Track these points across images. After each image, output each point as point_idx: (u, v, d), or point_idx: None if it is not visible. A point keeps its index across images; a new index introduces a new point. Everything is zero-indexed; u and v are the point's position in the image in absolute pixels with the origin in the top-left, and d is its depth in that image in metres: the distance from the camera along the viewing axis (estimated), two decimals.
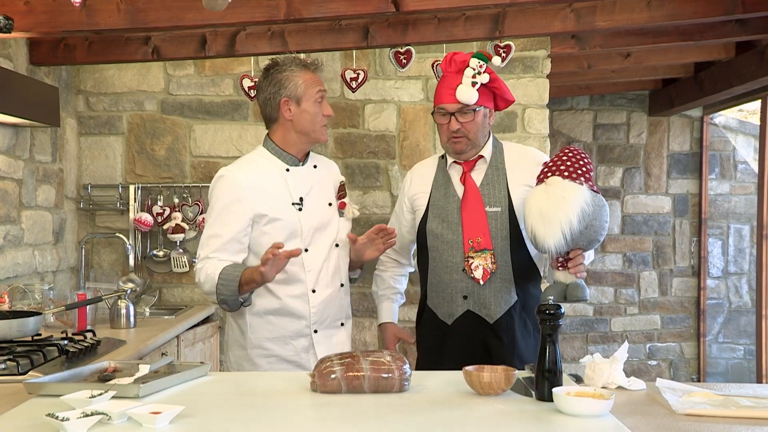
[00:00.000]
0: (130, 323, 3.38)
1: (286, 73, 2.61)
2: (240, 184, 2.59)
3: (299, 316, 2.62)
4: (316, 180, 2.70)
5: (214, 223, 2.60)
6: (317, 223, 2.65)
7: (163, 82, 4.45)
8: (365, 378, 1.92)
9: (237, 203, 2.57)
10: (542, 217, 2.42)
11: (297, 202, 2.62)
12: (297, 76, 2.61)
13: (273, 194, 2.60)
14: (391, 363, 1.94)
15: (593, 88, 6.15)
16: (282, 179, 2.64)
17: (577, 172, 2.47)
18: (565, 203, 2.40)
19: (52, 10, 3.20)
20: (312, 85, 2.62)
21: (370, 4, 3.15)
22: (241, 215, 2.57)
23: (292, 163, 2.68)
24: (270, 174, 2.64)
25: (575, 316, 6.42)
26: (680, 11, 3.51)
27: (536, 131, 4.44)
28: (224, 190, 2.61)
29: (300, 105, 2.61)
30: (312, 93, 2.62)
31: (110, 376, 2.03)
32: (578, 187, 2.43)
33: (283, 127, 2.66)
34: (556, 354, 1.86)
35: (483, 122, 2.68)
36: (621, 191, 6.43)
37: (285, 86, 2.61)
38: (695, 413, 1.76)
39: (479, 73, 2.60)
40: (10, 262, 3.51)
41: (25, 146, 3.70)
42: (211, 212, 2.63)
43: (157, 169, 4.44)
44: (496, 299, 2.63)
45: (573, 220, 2.39)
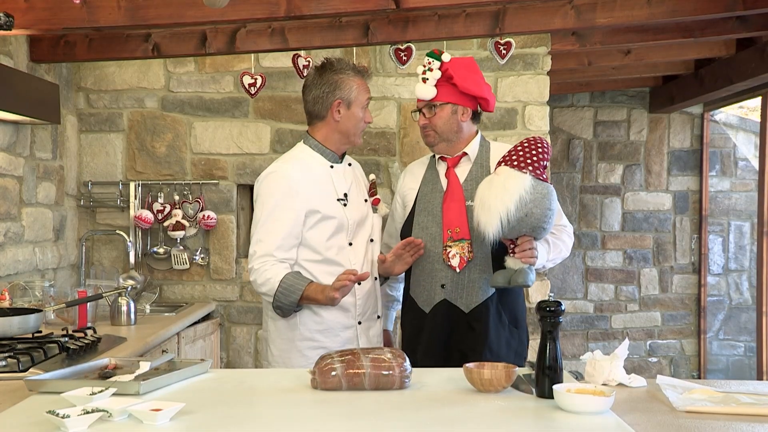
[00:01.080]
0: (130, 320, 3.38)
1: (342, 76, 2.68)
2: (293, 179, 2.63)
3: (346, 308, 2.67)
4: (353, 177, 2.81)
5: (269, 219, 2.61)
6: (359, 218, 2.74)
7: (164, 79, 4.45)
8: (366, 375, 1.92)
9: (291, 198, 2.61)
10: (482, 205, 2.53)
11: (342, 198, 2.71)
12: (352, 81, 2.69)
13: (322, 190, 2.67)
14: (392, 360, 1.95)
15: (594, 85, 6.15)
16: (327, 175, 2.71)
17: (525, 161, 2.55)
18: (505, 191, 2.50)
19: (52, 7, 3.19)
20: (363, 92, 2.72)
21: (371, 1, 3.15)
22: (296, 210, 2.61)
23: (334, 161, 2.75)
24: (317, 170, 2.70)
25: (575, 313, 6.42)
26: (680, 8, 3.51)
27: (537, 128, 4.43)
28: (279, 184, 2.63)
29: (350, 108, 2.70)
30: (362, 99, 2.71)
31: (111, 373, 2.03)
32: (520, 175, 2.52)
33: (328, 127, 2.73)
34: (556, 351, 1.86)
35: (450, 118, 2.78)
36: (621, 188, 6.43)
37: (340, 88, 2.68)
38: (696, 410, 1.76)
39: (429, 70, 2.78)
40: (10, 259, 3.51)
41: (25, 143, 3.70)
42: (263, 208, 2.63)
43: (158, 167, 4.44)
44: (473, 289, 2.71)
45: (510, 207, 2.48)
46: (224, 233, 4.45)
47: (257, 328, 4.46)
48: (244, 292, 4.46)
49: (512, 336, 2.76)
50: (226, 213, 4.45)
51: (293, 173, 2.64)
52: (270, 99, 4.42)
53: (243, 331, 4.46)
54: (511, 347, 2.75)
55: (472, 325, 2.70)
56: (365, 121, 2.75)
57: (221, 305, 4.47)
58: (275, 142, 4.44)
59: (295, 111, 4.43)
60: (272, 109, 4.45)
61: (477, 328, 2.70)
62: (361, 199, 2.80)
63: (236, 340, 4.46)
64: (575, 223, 6.41)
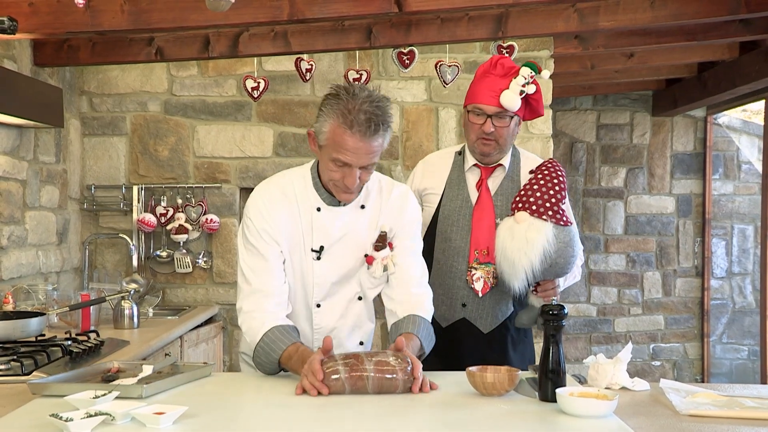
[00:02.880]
0: (133, 324, 3.38)
1: (327, 109, 2.09)
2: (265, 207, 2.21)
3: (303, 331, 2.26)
4: (356, 224, 2.25)
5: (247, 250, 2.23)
6: (337, 277, 2.26)
7: (167, 82, 4.46)
8: (369, 378, 1.91)
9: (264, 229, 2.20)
10: (506, 260, 2.43)
11: (316, 250, 2.22)
12: (331, 123, 2.07)
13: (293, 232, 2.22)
14: (395, 364, 1.94)
15: (596, 89, 6.15)
16: (308, 217, 2.22)
17: (545, 206, 2.45)
18: (528, 245, 2.41)
19: (56, 11, 3.20)
20: (334, 147, 2.07)
21: (373, 5, 3.15)
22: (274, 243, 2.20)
23: (329, 202, 2.22)
24: (299, 206, 2.22)
25: (579, 316, 6.41)
26: (684, 11, 3.51)
27: (539, 132, 4.43)
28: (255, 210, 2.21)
29: (321, 150, 2.14)
30: (330, 152, 2.09)
31: (114, 377, 2.03)
32: (542, 226, 2.43)
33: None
34: (559, 354, 1.86)
35: (514, 130, 2.59)
36: (624, 191, 6.42)
37: (318, 119, 2.12)
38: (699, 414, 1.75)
39: (528, 83, 2.52)
40: (14, 263, 3.52)
41: (29, 147, 3.71)
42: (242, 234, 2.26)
43: (161, 170, 4.45)
44: (493, 311, 2.59)
45: (535, 262, 2.40)
46: (227, 236, 4.45)
47: None
48: None
49: (525, 346, 2.72)
50: (229, 216, 4.45)
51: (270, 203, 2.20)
52: (273, 102, 4.43)
53: None
54: (525, 357, 2.69)
55: (491, 344, 2.61)
56: (344, 183, 2.11)
57: (224, 308, 4.47)
58: (278, 145, 4.44)
59: (298, 115, 4.43)
60: (275, 113, 4.45)
61: (496, 347, 2.61)
62: (359, 252, 2.26)
63: (239, 344, 4.45)
64: (578, 226, 6.39)
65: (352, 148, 2.05)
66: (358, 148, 2.05)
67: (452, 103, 4.46)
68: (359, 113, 2.03)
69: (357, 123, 2.02)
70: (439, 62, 3.83)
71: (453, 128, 4.43)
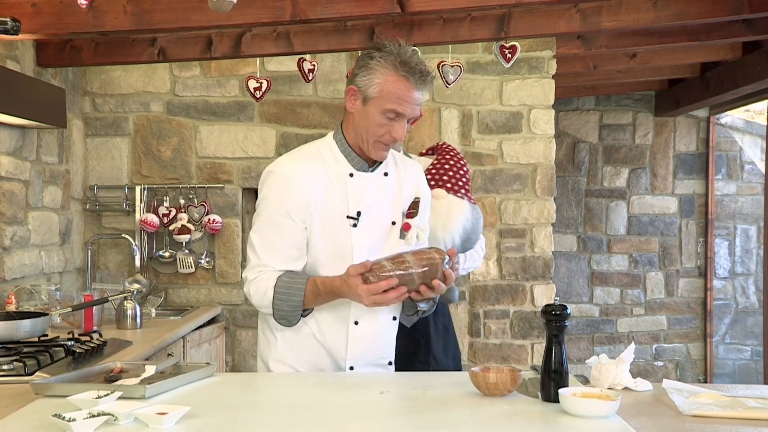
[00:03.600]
0: (136, 324, 3.39)
1: (374, 63, 2.09)
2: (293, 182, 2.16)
3: (331, 349, 2.22)
4: (386, 191, 2.24)
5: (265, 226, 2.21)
6: (372, 244, 2.20)
7: (169, 83, 4.47)
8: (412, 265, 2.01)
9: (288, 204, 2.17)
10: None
11: (353, 216, 2.18)
12: (382, 74, 2.08)
13: (329, 203, 2.17)
14: (433, 252, 2.06)
15: (599, 89, 6.14)
16: (342, 185, 2.19)
17: (458, 183, 2.59)
18: (449, 220, 2.54)
19: (58, 11, 3.21)
20: (390, 97, 2.08)
21: (376, 5, 3.15)
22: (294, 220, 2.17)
23: (359, 167, 2.20)
24: (329, 175, 2.19)
25: (581, 316, 6.40)
26: (686, 11, 3.50)
27: (542, 132, 4.43)
28: (277, 187, 2.18)
29: (365, 105, 2.13)
30: (384, 103, 2.09)
31: (116, 377, 2.03)
32: (461, 203, 2.58)
33: (347, 119, 2.20)
34: (562, 355, 1.85)
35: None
36: (627, 192, 6.41)
37: (362, 74, 2.11)
38: (702, 414, 1.75)
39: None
40: (17, 263, 3.52)
41: (31, 147, 3.71)
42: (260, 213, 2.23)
43: (163, 170, 4.45)
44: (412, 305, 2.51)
45: (455, 236, 2.54)
46: (229, 237, 4.46)
47: None
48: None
49: (448, 342, 2.83)
50: (232, 217, 4.46)
51: (291, 176, 2.15)
52: (275, 103, 4.43)
53: (248, 334, 4.47)
54: (448, 352, 2.81)
55: (416, 337, 2.71)
56: (390, 135, 2.12)
57: (226, 309, 4.47)
58: (280, 145, 4.45)
59: (301, 115, 4.44)
60: (277, 113, 4.46)
61: (421, 340, 2.72)
62: (386, 220, 2.24)
63: (241, 344, 4.47)
64: (581, 227, 6.40)
65: (407, 97, 2.08)
66: (413, 97, 2.09)
67: (454, 104, 4.46)
68: (414, 64, 2.08)
69: (413, 72, 2.07)
70: (442, 62, 3.83)
71: (455, 128, 4.43)
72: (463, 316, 4.48)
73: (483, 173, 4.46)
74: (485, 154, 4.46)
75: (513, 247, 4.48)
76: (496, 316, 4.48)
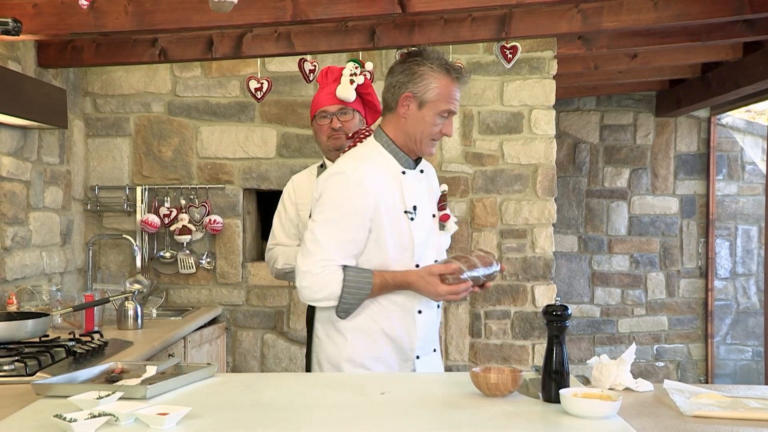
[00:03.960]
0: (137, 324, 3.38)
1: (425, 68, 2.29)
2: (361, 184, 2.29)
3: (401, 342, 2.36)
4: (426, 187, 2.46)
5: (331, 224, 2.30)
6: (425, 236, 2.40)
7: (170, 83, 4.47)
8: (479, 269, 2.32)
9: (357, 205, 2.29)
10: None
11: (410, 211, 2.35)
12: (434, 78, 2.29)
13: (391, 200, 2.32)
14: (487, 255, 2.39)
15: (600, 89, 6.14)
16: (397, 183, 2.35)
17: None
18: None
19: (60, 12, 3.21)
20: (444, 99, 2.30)
21: (377, 5, 3.15)
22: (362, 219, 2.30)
23: (407, 165, 2.39)
24: (387, 175, 2.34)
25: (582, 317, 6.40)
26: (687, 11, 3.50)
27: (543, 132, 4.43)
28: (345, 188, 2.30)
29: (421, 109, 2.31)
30: (440, 105, 2.30)
31: (117, 377, 2.03)
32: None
33: (396, 122, 2.36)
34: (563, 355, 1.85)
35: (359, 126, 2.85)
36: (628, 192, 6.41)
37: (416, 81, 2.29)
38: (703, 415, 1.75)
39: (355, 75, 2.81)
40: (18, 264, 3.52)
41: (32, 148, 3.71)
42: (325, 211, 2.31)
43: (164, 171, 4.45)
44: None
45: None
46: (230, 237, 4.46)
47: (263, 332, 4.46)
48: (250, 297, 4.47)
49: None
50: (233, 217, 4.46)
51: (362, 177, 2.28)
52: (276, 103, 4.43)
53: (249, 335, 4.47)
54: None
55: None
56: (441, 132, 2.34)
57: (227, 309, 4.47)
58: (281, 146, 4.45)
59: (301, 115, 4.44)
60: (278, 114, 4.46)
61: None
62: (429, 213, 2.43)
63: (242, 344, 4.47)
64: (582, 227, 6.40)
65: (456, 96, 2.34)
66: (460, 96, 2.36)
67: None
68: (456, 67, 2.34)
69: (460, 74, 2.33)
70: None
71: (456, 129, 4.43)
72: (464, 316, 4.48)
73: (484, 173, 4.46)
74: (486, 155, 4.46)
75: (514, 248, 4.48)
76: (497, 317, 4.48)
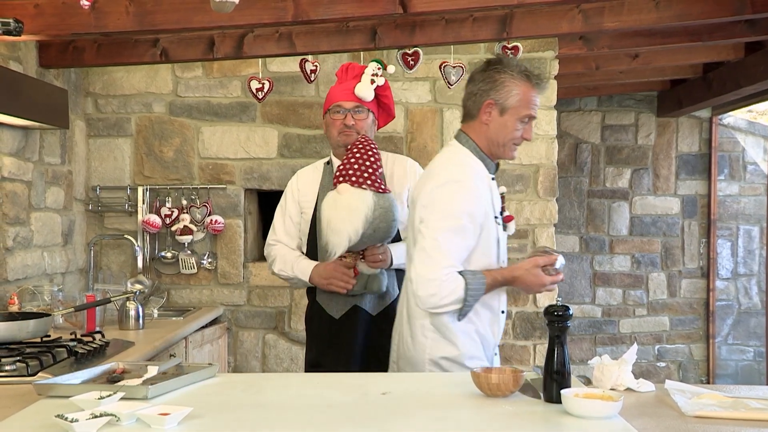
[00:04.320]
0: (138, 325, 3.38)
1: (505, 76, 2.39)
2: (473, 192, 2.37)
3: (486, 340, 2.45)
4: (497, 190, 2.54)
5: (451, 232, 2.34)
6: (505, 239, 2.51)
7: (172, 84, 4.47)
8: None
9: (472, 212, 2.36)
10: (330, 227, 2.67)
11: (498, 216, 2.46)
12: (515, 85, 2.39)
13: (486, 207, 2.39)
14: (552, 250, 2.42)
15: (601, 89, 6.14)
16: (488, 188, 2.43)
17: (363, 176, 2.69)
18: (350, 212, 2.65)
19: (61, 12, 3.21)
20: (525, 105, 2.40)
21: (378, 6, 3.15)
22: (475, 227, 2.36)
23: (491, 171, 2.49)
24: (482, 181, 2.42)
25: (583, 317, 6.40)
26: (689, 12, 3.50)
27: (544, 132, 4.43)
28: (462, 197, 2.36)
29: (502, 115, 2.41)
30: (521, 111, 2.40)
31: (119, 378, 2.03)
32: (363, 194, 2.67)
33: (479, 129, 2.46)
34: (564, 355, 1.85)
35: (371, 126, 2.91)
36: (629, 192, 6.41)
37: (497, 89, 2.39)
38: (704, 415, 1.75)
39: (377, 75, 2.87)
40: (19, 264, 3.53)
41: (34, 148, 3.72)
42: (445, 219, 2.34)
43: (166, 171, 4.46)
44: (380, 294, 2.86)
45: (358, 227, 2.65)
46: (232, 237, 4.46)
47: (264, 332, 4.46)
48: (252, 297, 4.47)
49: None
50: (234, 217, 4.46)
51: (473, 184, 2.37)
52: (277, 104, 4.43)
53: (250, 335, 4.47)
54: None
55: (381, 326, 2.82)
56: (522, 137, 2.43)
57: (228, 309, 4.47)
58: (282, 146, 4.45)
59: (303, 116, 4.44)
60: (280, 114, 4.46)
61: (386, 328, 2.79)
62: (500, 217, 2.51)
63: (243, 345, 4.47)
64: (583, 228, 6.40)
65: (537, 102, 2.43)
66: (538, 101, 2.44)
67: (457, 104, 4.45)
68: (536, 73, 2.43)
69: (540, 80, 2.42)
70: (444, 63, 3.83)
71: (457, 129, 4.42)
72: None
73: None
74: None
75: (515, 248, 4.47)
76: None
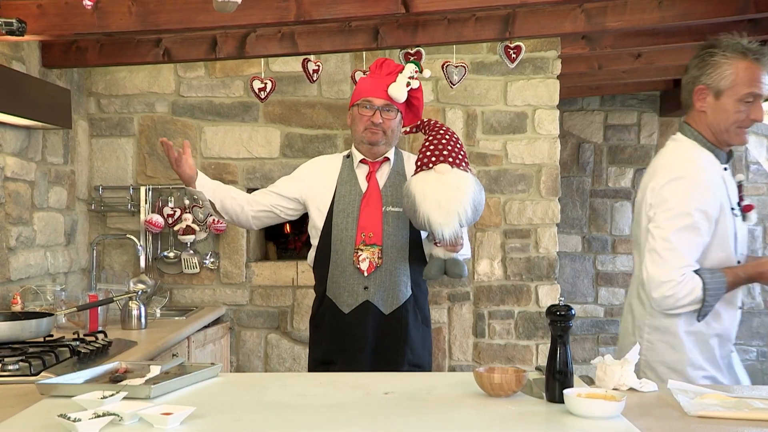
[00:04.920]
0: (141, 324, 3.39)
1: (718, 58, 2.25)
2: (706, 187, 2.26)
3: (728, 336, 2.38)
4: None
5: (685, 231, 2.25)
6: (744, 232, 2.40)
7: (174, 83, 4.47)
8: None
9: (705, 209, 2.26)
10: (440, 208, 2.59)
11: (735, 207, 2.34)
12: (730, 65, 2.23)
13: (719, 200, 2.28)
14: None
15: (604, 89, 6.13)
16: (721, 180, 2.32)
17: (459, 157, 2.67)
18: (460, 194, 2.60)
19: (64, 12, 3.21)
20: (744, 82, 2.23)
21: (380, 5, 3.15)
22: (708, 225, 2.27)
23: (723, 161, 2.35)
24: (712, 174, 2.30)
25: (586, 317, 6.39)
26: (692, 11, 3.50)
27: (546, 132, 4.43)
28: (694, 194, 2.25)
29: (718, 99, 2.27)
30: (739, 90, 2.24)
31: (122, 377, 2.04)
32: (466, 176, 2.64)
33: (698, 118, 2.34)
34: (566, 355, 1.85)
35: (398, 126, 2.87)
36: (632, 192, 6.40)
37: (709, 72, 2.26)
38: (707, 415, 1.75)
39: (413, 78, 2.81)
40: (22, 264, 3.53)
41: (37, 148, 3.72)
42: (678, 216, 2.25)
43: (168, 171, 4.46)
44: (393, 292, 2.80)
45: (468, 209, 2.60)
46: (234, 237, 4.46)
47: (267, 332, 4.46)
48: (254, 296, 4.47)
49: (425, 335, 2.90)
50: None
51: (704, 178, 2.26)
52: (280, 103, 4.43)
53: (253, 335, 4.47)
54: (425, 346, 2.89)
55: (393, 326, 2.80)
56: (750, 119, 2.26)
57: (231, 309, 4.47)
58: (285, 146, 4.45)
59: (305, 115, 4.44)
60: (282, 114, 4.46)
61: (397, 329, 2.79)
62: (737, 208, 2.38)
63: (246, 344, 4.47)
64: (585, 227, 6.39)
65: (761, 77, 2.23)
66: (765, 77, 2.24)
67: (459, 104, 4.45)
68: (755, 48, 2.24)
69: (759, 54, 2.23)
70: (446, 63, 3.82)
71: (460, 129, 4.43)
72: (468, 316, 4.48)
73: (487, 173, 4.46)
74: (490, 155, 4.46)
75: (518, 248, 4.47)
76: (501, 317, 4.48)
